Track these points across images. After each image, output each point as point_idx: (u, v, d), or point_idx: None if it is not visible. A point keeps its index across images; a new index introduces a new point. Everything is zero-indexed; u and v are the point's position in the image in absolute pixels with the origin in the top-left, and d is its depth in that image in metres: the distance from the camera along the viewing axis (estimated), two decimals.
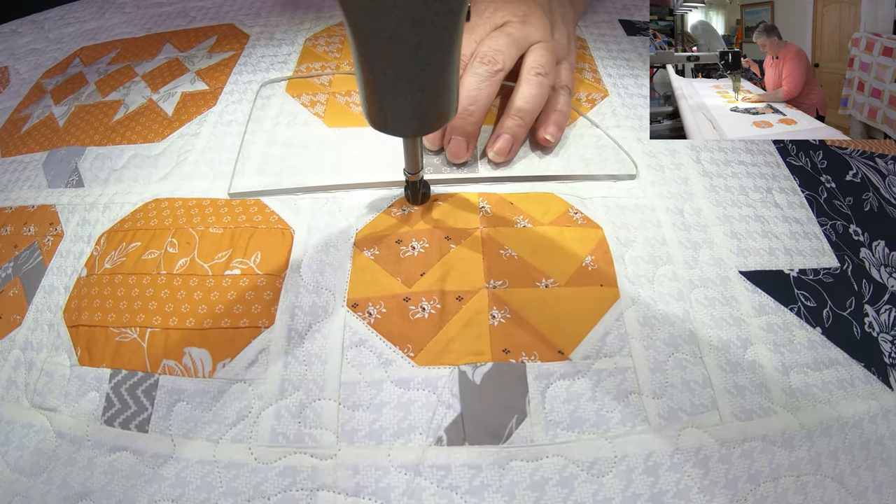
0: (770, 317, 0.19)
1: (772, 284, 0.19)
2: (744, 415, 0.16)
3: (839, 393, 0.18)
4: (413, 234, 0.18)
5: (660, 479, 0.15)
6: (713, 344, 0.17)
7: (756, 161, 0.23)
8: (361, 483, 0.14)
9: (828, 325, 0.19)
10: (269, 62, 0.26)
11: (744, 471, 0.15)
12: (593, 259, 0.18)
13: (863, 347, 0.19)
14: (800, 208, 0.22)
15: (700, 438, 0.16)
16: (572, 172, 0.21)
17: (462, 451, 0.14)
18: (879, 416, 0.18)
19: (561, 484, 0.14)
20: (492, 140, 0.20)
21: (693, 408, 0.16)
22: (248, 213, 0.19)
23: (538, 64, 0.20)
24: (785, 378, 0.17)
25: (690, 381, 0.16)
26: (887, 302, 0.21)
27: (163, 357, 0.16)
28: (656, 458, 0.15)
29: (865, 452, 0.17)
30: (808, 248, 0.21)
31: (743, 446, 0.16)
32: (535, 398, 0.15)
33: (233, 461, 0.15)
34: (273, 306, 0.17)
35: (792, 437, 0.16)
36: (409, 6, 0.10)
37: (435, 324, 0.16)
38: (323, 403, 0.15)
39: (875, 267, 0.22)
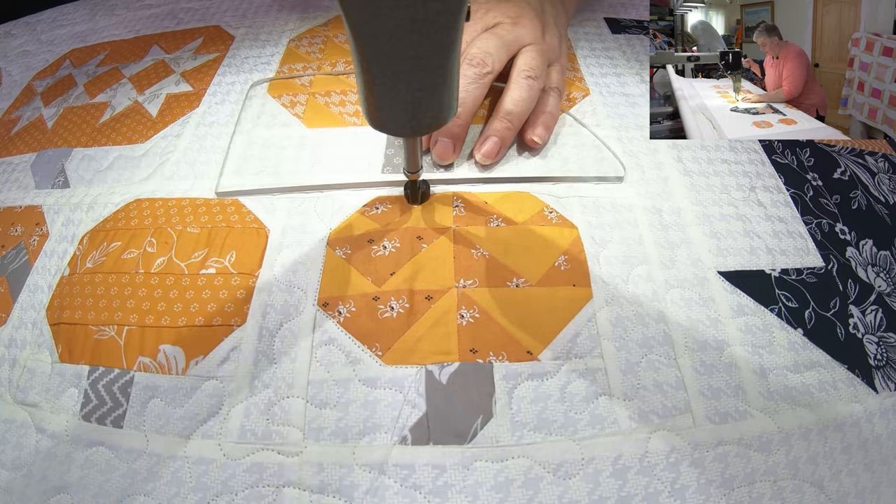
0: (749, 318, 0.18)
1: (752, 285, 0.19)
2: (718, 418, 0.16)
3: (820, 396, 0.17)
4: (385, 233, 0.18)
5: (628, 482, 0.15)
6: (688, 345, 0.17)
7: (740, 159, 0.23)
8: (326, 480, 0.14)
9: (810, 327, 0.19)
10: (253, 63, 0.27)
11: (717, 475, 0.15)
12: (566, 259, 0.18)
13: (847, 349, 0.19)
14: (784, 207, 0.22)
15: (672, 441, 0.15)
16: (560, 174, 0.21)
17: (426, 450, 0.14)
18: (863, 419, 0.17)
19: (526, 485, 0.14)
20: (479, 142, 0.20)
21: (665, 410, 0.16)
22: (226, 212, 0.20)
23: (528, 66, 0.21)
24: (763, 380, 0.17)
25: (663, 384, 0.16)
26: (874, 302, 0.20)
27: (138, 354, 0.17)
28: (625, 461, 0.15)
29: (847, 457, 0.17)
30: (791, 247, 0.21)
31: (717, 450, 0.16)
32: (501, 398, 0.15)
33: (202, 457, 0.15)
34: (246, 305, 0.17)
35: (769, 441, 0.16)
36: (409, 6, 0.10)
37: (403, 323, 0.16)
38: (291, 401, 0.16)
39: (862, 266, 0.21)
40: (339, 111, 0.23)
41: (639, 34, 0.29)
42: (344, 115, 0.23)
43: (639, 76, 0.26)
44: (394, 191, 0.20)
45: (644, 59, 0.27)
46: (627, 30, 0.29)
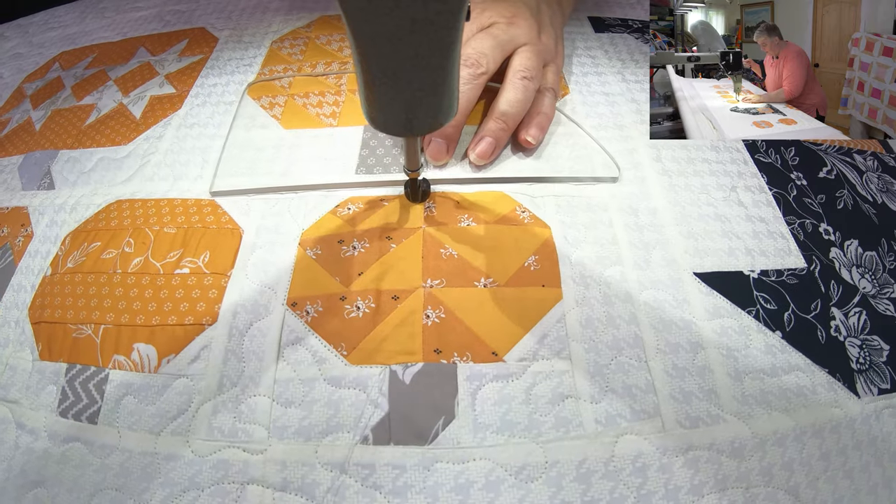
0: (725, 320, 0.18)
1: (729, 286, 0.19)
2: (689, 422, 0.16)
3: (798, 401, 0.17)
4: (355, 234, 0.19)
5: (592, 486, 0.15)
6: (660, 348, 0.17)
7: (721, 159, 0.23)
8: (288, 478, 0.15)
9: (789, 329, 0.19)
10: (235, 65, 0.27)
11: (686, 481, 0.15)
12: (537, 259, 0.18)
13: (827, 352, 0.18)
14: (766, 207, 0.22)
15: (639, 446, 0.15)
16: (554, 174, 0.21)
17: (387, 450, 0.15)
18: (843, 425, 0.17)
19: (486, 488, 0.14)
20: (474, 142, 0.21)
21: (633, 414, 0.16)
22: (202, 213, 0.20)
23: (524, 67, 0.21)
24: (738, 384, 0.17)
25: (632, 386, 0.16)
26: (857, 304, 0.20)
27: (113, 352, 0.17)
28: (590, 464, 0.15)
29: (825, 464, 0.16)
30: (772, 248, 0.21)
31: (686, 455, 0.16)
32: (464, 400, 0.15)
33: (171, 453, 0.16)
34: (217, 304, 0.18)
35: (742, 447, 0.16)
36: (409, 6, 0.11)
37: (369, 323, 0.17)
38: (257, 399, 0.16)
39: (846, 267, 0.21)
40: (317, 112, 0.24)
41: (622, 32, 0.29)
42: (321, 117, 0.24)
43: (620, 75, 0.26)
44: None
45: (626, 58, 0.27)
46: (611, 28, 0.29)
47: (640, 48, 0.28)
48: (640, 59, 0.27)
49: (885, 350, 0.19)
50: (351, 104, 0.24)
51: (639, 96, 0.25)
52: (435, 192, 0.20)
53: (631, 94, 0.25)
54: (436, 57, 0.12)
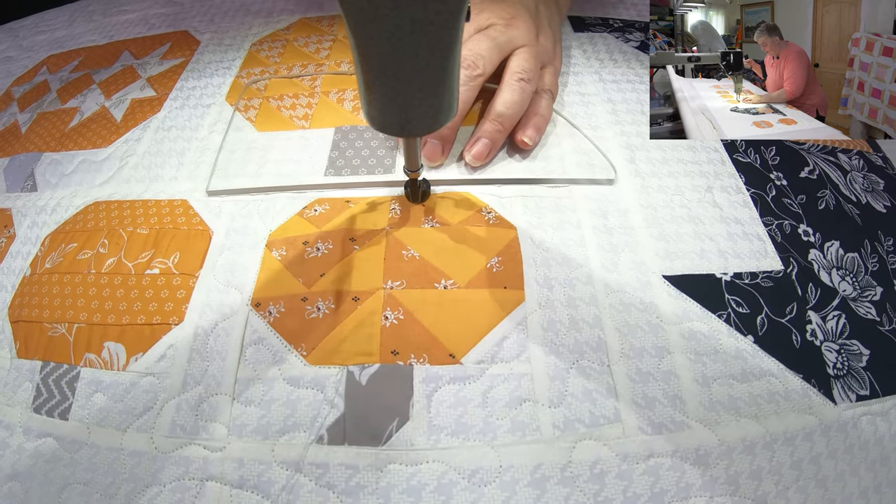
0: (694, 324, 0.18)
1: (699, 289, 0.19)
2: (651, 428, 0.16)
3: (769, 407, 0.17)
4: (320, 235, 0.19)
5: (546, 492, 0.15)
6: (624, 352, 0.17)
7: (698, 159, 0.23)
8: (245, 476, 0.15)
9: (761, 333, 0.19)
10: (215, 68, 0.28)
11: (646, 489, 0.15)
12: (500, 260, 0.18)
13: (802, 357, 0.18)
14: (742, 208, 0.22)
15: (598, 452, 0.15)
16: (551, 175, 0.21)
17: (341, 450, 0.15)
18: (817, 432, 0.17)
19: (438, 490, 0.15)
20: (470, 143, 0.21)
21: (593, 419, 0.16)
22: (174, 214, 0.21)
23: (521, 69, 0.21)
24: (705, 390, 0.17)
25: (593, 391, 0.17)
26: (837, 308, 0.20)
27: (85, 351, 0.18)
28: (545, 470, 0.15)
29: (797, 473, 0.16)
30: (747, 249, 0.20)
31: (647, 462, 0.15)
32: (419, 401, 0.16)
33: (136, 449, 0.16)
34: (184, 304, 0.18)
35: (707, 454, 0.16)
36: (409, 6, 0.11)
37: (328, 324, 0.17)
38: (219, 398, 0.17)
39: (825, 270, 0.21)
40: (290, 114, 0.25)
41: (602, 31, 0.29)
42: (293, 119, 0.24)
43: (597, 75, 0.26)
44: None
45: (605, 57, 0.27)
46: (591, 28, 0.29)
47: (620, 47, 0.28)
48: (618, 58, 0.27)
49: (864, 355, 0.19)
50: (324, 106, 0.25)
51: (615, 96, 0.25)
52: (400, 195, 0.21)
53: (607, 95, 0.25)
54: (436, 57, 0.12)
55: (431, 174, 0.21)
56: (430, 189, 0.20)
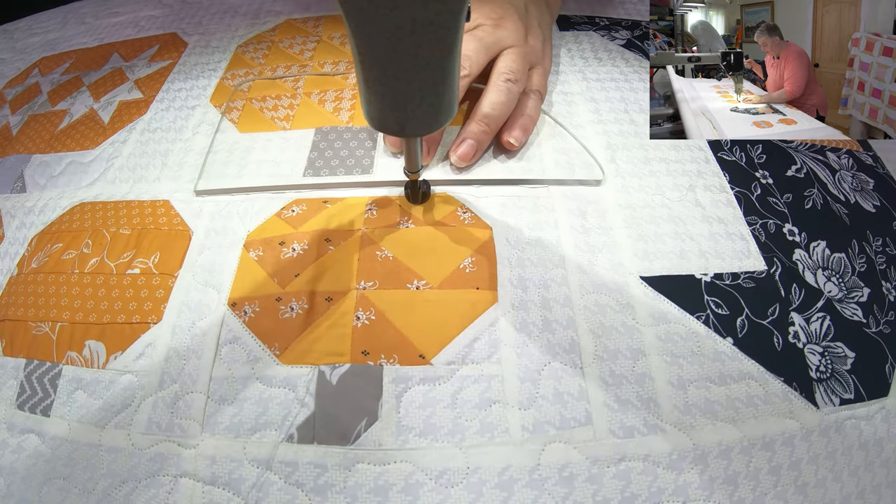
0: (671, 326, 0.18)
1: (678, 291, 0.19)
2: (623, 432, 0.16)
3: (747, 411, 0.17)
4: (296, 236, 0.20)
5: (514, 494, 0.15)
6: (598, 354, 0.17)
7: (681, 158, 0.23)
8: (217, 473, 0.16)
9: (741, 335, 0.18)
10: (201, 70, 0.29)
11: (616, 493, 0.15)
12: (473, 261, 0.19)
13: (783, 360, 0.18)
14: (725, 207, 0.22)
15: (567, 455, 0.15)
16: (538, 176, 0.21)
17: (310, 449, 0.15)
18: (798, 437, 0.17)
19: (405, 491, 0.15)
20: (455, 144, 0.21)
21: (563, 421, 0.16)
22: (156, 214, 0.22)
23: (508, 70, 0.21)
24: (680, 393, 0.17)
25: (564, 393, 0.17)
26: (821, 309, 0.20)
27: (67, 349, 0.19)
28: (513, 472, 0.15)
29: (775, 478, 0.16)
30: (729, 249, 0.20)
31: (619, 466, 0.15)
32: (388, 402, 0.16)
33: (114, 446, 0.17)
34: (163, 304, 0.19)
35: (681, 459, 0.16)
36: (409, 6, 0.11)
37: (301, 324, 0.17)
38: (194, 396, 0.17)
39: (810, 270, 0.21)
40: (272, 116, 0.25)
41: (588, 30, 0.29)
42: (275, 120, 0.25)
43: (581, 73, 0.26)
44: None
45: (589, 56, 0.27)
46: (576, 26, 0.29)
47: (606, 46, 0.28)
48: (603, 57, 0.27)
49: (849, 358, 0.19)
50: (305, 107, 0.25)
51: (598, 95, 0.25)
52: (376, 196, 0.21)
53: (591, 94, 0.25)
54: (436, 57, 0.12)
55: (426, 175, 0.21)
56: (431, 190, 0.20)
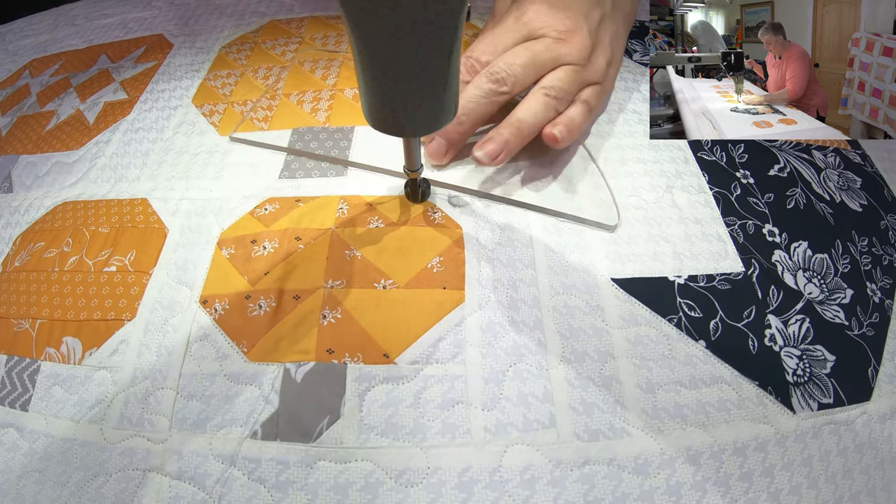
0: (641, 328, 0.18)
1: (649, 293, 0.19)
2: (588, 435, 0.16)
3: (719, 415, 0.17)
4: (267, 234, 0.20)
5: (474, 496, 0.15)
6: (565, 356, 0.18)
7: (659, 158, 0.23)
8: (183, 468, 0.16)
9: (714, 338, 0.19)
10: (184, 71, 0.30)
11: (579, 497, 0.15)
12: (441, 261, 0.19)
13: (758, 363, 0.18)
14: (703, 208, 0.22)
15: (530, 457, 0.16)
16: (555, 207, 0.20)
17: (273, 446, 0.16)
18: (772, 442, 0.17)
19: (365, 489, 0.15)
20: (482, 141, 0.20)
21: (526, 423, 0.16)
22: (133, 213, 0.23)
23: (551, 85, 0.20)
24: (649, 396, 0.17)
25: (528, 395, 0.17)
26: (801, 311, 0.20)
27: (46, 345, 0.20)
28: (473, 473, 0.15)
29: (746, 485, 0.16)
30: (704, 251, 0.21)
31: (582, 469, 0.16)
32: (351, 400, 0.17)
33: (87, 440, 0.18)
34: (137, 301, 0.20)
35: (648, 463, 0.16)
36: (409, 6, 0.11)
37: (268, 321, 0.18)
38: (164, 392, 0.18)
39: (790, 271, 0.21)
40: (251, 117, 0.26)
41: None
42: (254, 121, 0.26)
43: None
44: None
45: None
46: None
47: None
48: None
49: (829, 361, 0.19)
50: (284, 108, 0.26)
51: None
52: (348, 195, 0.21)
53: None
54: (436, 57, 0.13)
55: (437, 175, 0.21)
56: (430, 189, 0.20)
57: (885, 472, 0.17)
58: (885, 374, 0.19)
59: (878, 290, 0.21)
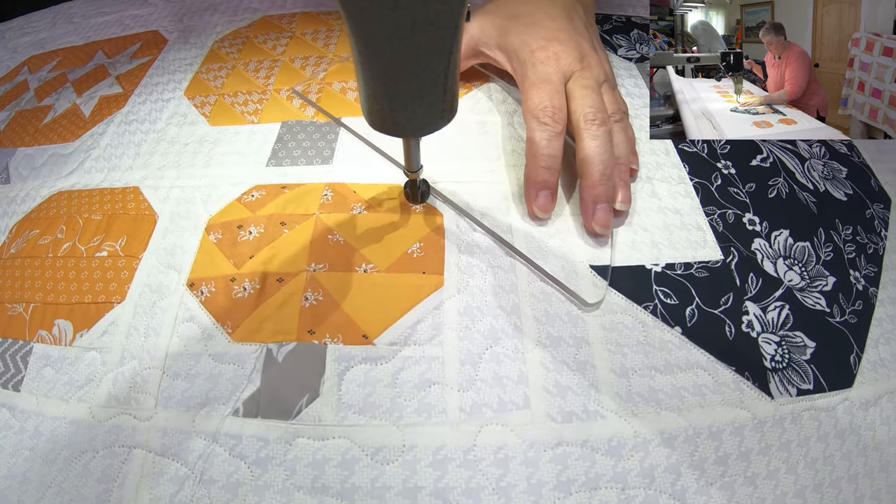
0: (617, 315, 0.19)
1: (626, 281, 0.20)
2: (561, 417, 0.17)
3: (694, 399, 0.18)
4: (253, 219, 0.22)
5: (448, 474, 0.16)
6: (541, 341, 0.19)
7: (640, 150, 0.24)
8: (167, 444, 0.17)
9: (690, 325, 0.19)
10: (178, 65, 0.31)
11: (552, 476, 0.16)
12: (422, 246, 0.20)
13: (735, 349, 0.19)
14: (683, 198, 0.23)
15: (504, 437, 0.16)
16: (541, 263, 0.20)
17: (254, 423, 0.17)
18: (749, 427, 0.18)
19: (341, 466, 0.16)
20: (589, 213, 0.21)
21: (501, 404, 0.17)
22: (125, 200, 0.24)
23: (587, 110, 0.21)
24: (623, 381, 0.18)
25: (504, 377, 0.18)
26: (780, 298, 0.20)
27: (38, 327, 0.21)
28: (447, 451, 0.16)
29: (722, 469, 0.17)
30: (683, 240, 0.22)
31: (556, 450, 0.16)
32: (330, 379, 0.18)
33: (76, 418, 0.19)
34: (127, 284, 0.21)
35: (621, 445, 0.17)
36: (409, 6, 0.11)
37: (252, 303, 0.19)
38: (151, 371, 0.19)
39: (770, 259, 0.22)
40: (241, 110, 0.28)
41: None
42: (244, 114, 0.27)
43: None
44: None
45: None
46: None
47: None
48: None
49: (809, 347, 0.20)
50: (274, 102, 0.28)
51: None
52: (333, 182, 0.23)
53: None
54: (436, 57, 0.13)
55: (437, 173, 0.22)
56: (430, 190, 0.21)
57: (868, 458, 0.18)
58: (869, 360, 0.20)
59: (862, 277, 0.22)
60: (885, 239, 0.23)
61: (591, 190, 0.21)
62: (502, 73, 0.26)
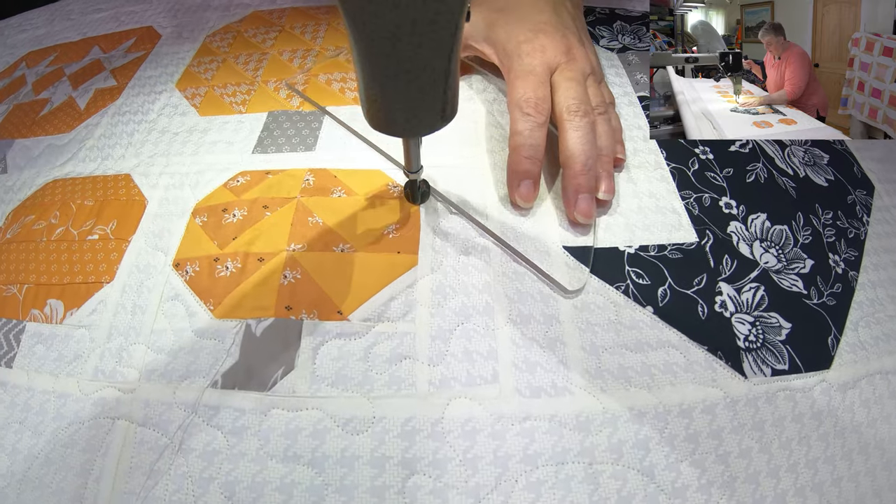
0: (588, 296, 0.20)
1: (599, 262, 0.21)
2: (529, 391, 0.18)
3: (664, 377, 0.18)
4: (238, 203, 0.23)
5: (415, 444, 0.17)
6: (512, 318, 0.20)
7: None
8: (149, 415, 0.19)
9: (662, 305, 0.20)
10: (170, 59, 0.33)
11: (519, 449, 0.17)
12: (397, 227, 0.21)
13: (708, 329, 0.20)
14: (659, 182, 0.24)
15: (471, 410, 0.17)
16: (523, 251, 0.21)
17: (231, 394, 0.18)
18: (721, 405, 0.18)
19: (313, 435, 0.17)
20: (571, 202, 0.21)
21: (469, 378, 0.18)
22: (117, 187, 0.26)
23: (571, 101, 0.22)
24: (592, 358, 0.19)
25: (474, 352, 0.19)
26: (755, 280, 0.21)
27: (31, 307, 0.23)
28: (416, 423, 0.17)
29: (692, 446, 0.17)
30: (658, 223, 0.22)
31: (523, 424, 0.17)
32: (305, 353, 0.19)
33: (64, 392, 0.20)
34: (116, 265, 0.23)
35: (589, 421, 0.17)
36: (409, 6, 0.12)
37: (234, 281, 0.21)
38: (136, 347, 0.20)
39: (746, 242, 0.22)
40: (230, 101, 0.29)
41: None
42: (233, 105, 0.29)
43: None
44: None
45: None
46: None
47: None
48: None
49: (784, 328, 0.20)
50: (262, 93, 0.29)
51: None
52: (315, 168, 0.24)
53: None
54: (436, 58, 0.13)
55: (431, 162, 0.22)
56: (430, 190, 0.22)
57: (846, 440, 0.18)
58: (848, 343, 0.20)
59: (842, 261, 0.22)
60: (867, 224, 0.24)
61: (572, 180, 0.21)
62: (489, 65, 0.27)
